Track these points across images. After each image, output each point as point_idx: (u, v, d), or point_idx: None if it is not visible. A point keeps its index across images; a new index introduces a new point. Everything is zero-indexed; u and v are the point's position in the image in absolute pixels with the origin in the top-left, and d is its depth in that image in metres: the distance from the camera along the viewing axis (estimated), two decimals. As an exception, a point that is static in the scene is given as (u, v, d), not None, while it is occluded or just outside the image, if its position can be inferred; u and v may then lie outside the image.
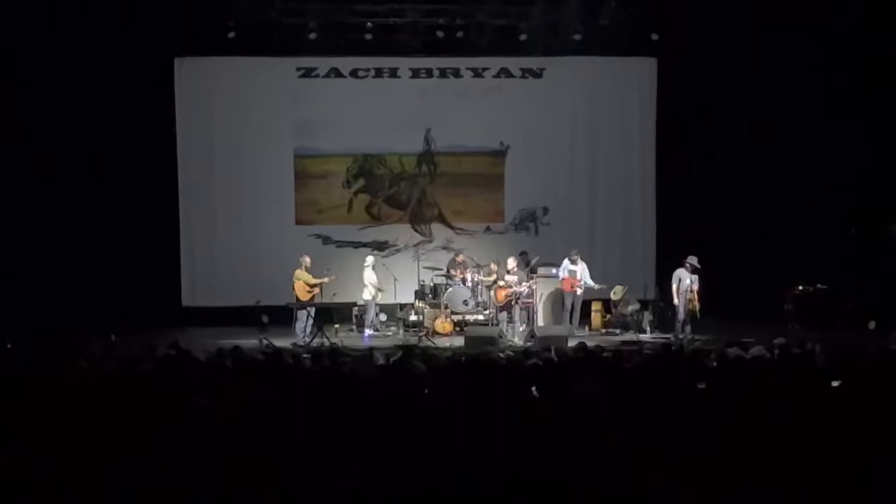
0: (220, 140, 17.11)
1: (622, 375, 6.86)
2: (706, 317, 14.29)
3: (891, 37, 14.74)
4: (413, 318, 15.45)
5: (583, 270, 15.11)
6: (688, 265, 14.16)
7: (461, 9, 16.52)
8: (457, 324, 15.16)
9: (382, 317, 16.12)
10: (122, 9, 14.88)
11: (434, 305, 15.44)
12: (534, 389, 6.18)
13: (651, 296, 16.03)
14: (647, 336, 14.88)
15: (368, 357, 8.04)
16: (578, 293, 15.03)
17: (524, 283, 14.75)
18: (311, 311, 14.52)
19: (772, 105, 15.87)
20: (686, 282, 14.09)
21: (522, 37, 16.74)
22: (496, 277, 15.05)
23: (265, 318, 14.56)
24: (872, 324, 14.22)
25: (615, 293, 15.87)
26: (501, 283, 14.84)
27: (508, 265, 14.98)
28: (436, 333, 14.84)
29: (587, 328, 15.61)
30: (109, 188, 15.75)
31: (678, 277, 14.17)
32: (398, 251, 17.39)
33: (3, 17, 14.33)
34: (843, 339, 9.78)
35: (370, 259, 15.70)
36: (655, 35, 16.57)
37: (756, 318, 14.21)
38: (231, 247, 17.11)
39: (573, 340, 11.68)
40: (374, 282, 15.39)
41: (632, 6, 16.33)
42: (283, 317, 14.68)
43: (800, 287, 15.60)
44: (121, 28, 15.05)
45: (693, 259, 14.17)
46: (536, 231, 17.71)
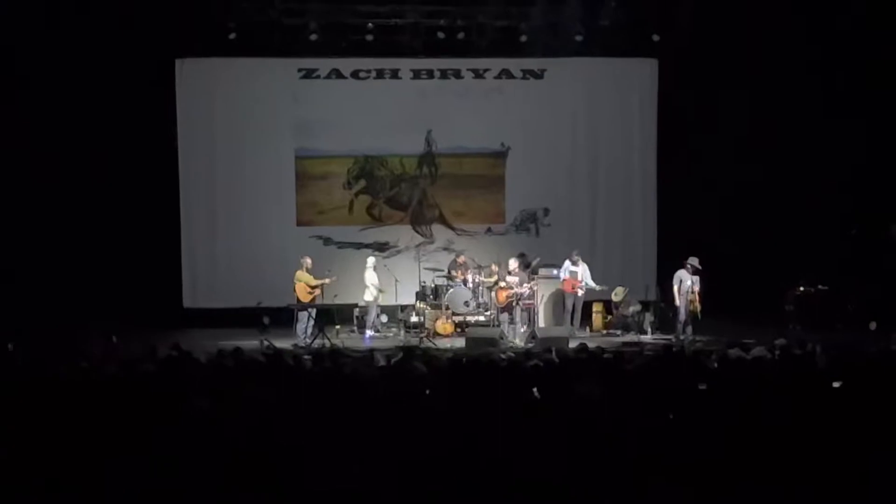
0: (221, 141, 17.09)
1: (623, 376, 6.86)
2: (707, 318, 14.28)
3: (891, 37, 14.75)
4: (414, 320, 15.46)
5: (584, 271, 15.12)
6: (689, 266, 14.16)
7: (462, 10, 16.51)
8: (458, 325, 15.16)
9: (383, 318, 16.12)
10: (123, 10, 14.87)
11: (435, 306, 15.44)
12: (535, 390, 6.18)
13: (652, 297, 16.02)
14: (649, 337, 14.87)
15: (369, 358, 8.04)
16: (579, 294, 15.04)
17: (525, 285, 14.75)
18: (312, 313, 14.52)
19: (772, 105, 15.87)
20: (687, 283, 14.09)
21: (523, 38, 16.73)
22: (497, 278, 15.05)
23: (266, 320, 14.56)
24: (873, 324, 14.22)
25: (616, 294, 15.86)
26: (502, 285, 14.84)
27: (510, 266, 14.99)
28: (437, 334, 14.84)
29: (588, 329, 15.59)
30: (110, 189, 15.75)
31: (679, 278, 14.17)
32: (399, 252, 17.37)
33: (5, 18, 14.35)
34: (844, 340, 9.78)
35: (371, 260, 15.69)
36: (656, 36, 16.56)
37: (757, 319, 14.22)
38: (232, 248, 17.09)
39: (574, 341, 11.65)
40: (376, 283, 15.38)
41: (632, 7, 16.32)
42: (284, 318, 14.67)
43: (801, 288, 15.60)
44: (122, 29, 15.04)
45: (694, 260, 14.17)
46: (537, 232, 17.70)
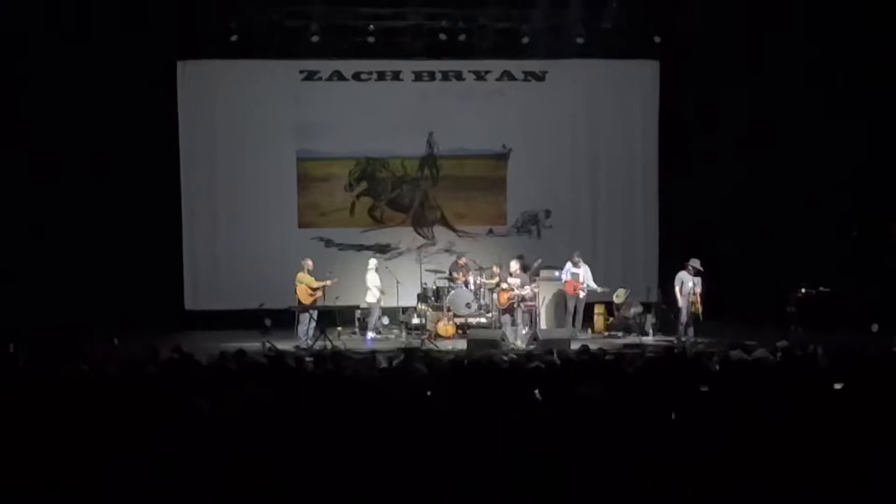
0: (223, 143, 17.10)
1: (625, 378, 6.85)
2: (708, 319, 14.26)
3: (891, 37, 14.74)
4: (415, 321, 15.48)
5: (585, 273, 15.11)
6: (690, 268, 14.16)
7: (463, 12, 16.51)
8: (459, 327, 15.14)
9: (385, 320, 16.10)
10: (125, 12, 14.90)
11: (436, 308, 15.44)
12: (536, 392, 6.18)
13: (653, 298, 16.01)
14: (650, 339, 14.86)
15: (371, 360, 8.03)
16: (581, 296, 15.03)
17: (527, 286, 14.74)
18: (314, 314, 14.52)
19: (773, 107, 15.86)
20: (689, 284, 14.09)
21: (525, 40, 16.73)
22: (498, 280, 15.04)
23: (268, 322, 14.56)
24: (875, 326, 14.20)
25: (618, 296, 15.85)
26: (504, 286, 14.83)
27: (511, 268, 14.96)
28: (438, 336, 14.83)
29: (590, 331, 15.58)
30: (112, 191, 15.76)
31: (680, 280, 14.17)
32: (401, 254, 17.38)
33: (7, 20, 14.37)
34: (846, 342, 9.76)
35: (373, 262, 15.66)
36: (657, 38, 16.57)
37: (758, 321, 14.21)
38: (233, 249, 17.08)
39: (576, 343, 11.65)
40: (378, 284, 15.36)
41: (634, 9, 16.33)
42: (286, 320, 14.67)
43: (802, 289, 15.56)
44: (124, 31, 15.06)
45: (695, 262, 14.17)
46: (539, 234, 17.71)
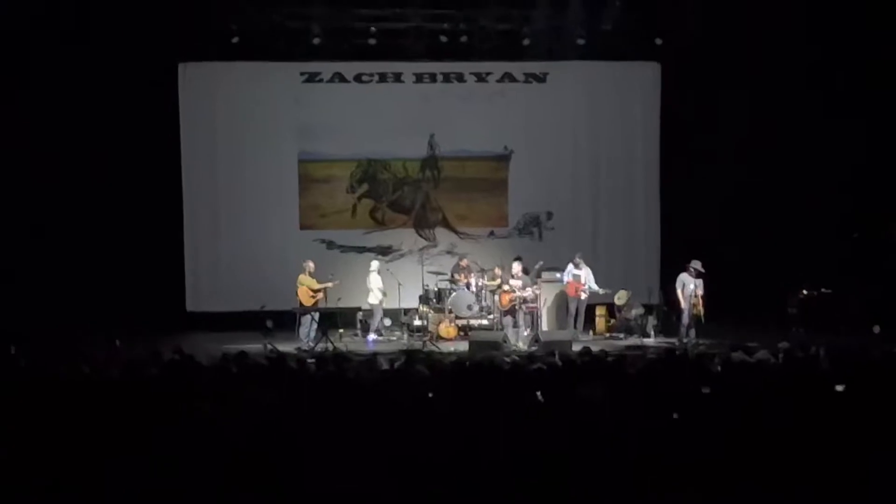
0: (224, 145, 17.11)
1: (626, 380, 6.85)
2: (710, 321, 14.24)
3: (891, 37, 14.73)
4: (417, 323, 15.45)
5: (587, 275, 15.10)
6: (691, 269, 14.14)
7: (464, 13, 16.51)
8: (461, 328, 15.12)
9: (386, 321, 16.08)
10: (127, 14, 14.90)
11: (438, 310, 15.43)
12: (538, 394, 6.18)
13: (655, 300, 15.98)
14: (651, 340, 14.86)
15: (372, 362, 8.03)
16: (583, 298, 15.02)
17: (528, 288, 14.73)
18: (315, 316, 14.51)
19: (774, 108, 15.86)
20: (690, 286, 14.07)
21: (526, 41, 16.74)
22: (500, 282, 15.03)
23: (269, 323, 14.56)
24: (877, 328, 14.19)
25: (619, 298, 15.84)
26: (506, 288, 14.82)
27: (513, 270, 14.94)
28: (440, 338, 14.82)
29: (591, 333, 15.57)
30: (113, 193, 15.77)
31: (682, 282, 14.15)
32: (402, 256, 17.37)
33: (9, 22, 14.38)
34: (848, 344, 9.75)
35: (375, 264, 15.65)
36: (659, 39, 16.56)
37: (760, 323, 14.21)
38: (235, 251, 17.09)
39: (577, 345, 11.66)
40: (381, 286, 15.35)
41: (635, 11, 16.32)
42: (288, 321, 14.66)
43: (804, 291, 15.57)
44: (125, 33, 15.07)
45: (697, 263, 14.15)
46: (540, 236, 17.70)
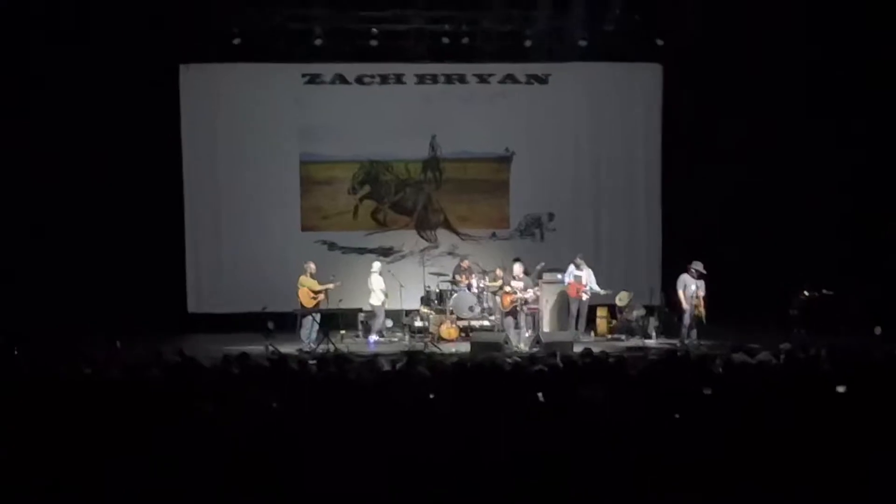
0: (226, 146, 17.12)
1: (628, 381, 6.85)
2: (711, 322, 14.24)
3: (891, 37, 14.72)
4: (419, 324, 15.45)
5: (588, 276, 15.10)
6: (693, 271, 14.13)
7: (466, 15, 16.51)
8: (462, 329, 15.12)
9: (388, 322, 16.09)
10: (128, 15, 14.91)
11: (440, 311, 15.43)
12: (539, 395, 6.17)
13: (656, 301, 16.00)
14: (653, 341, 14.86)
15: (374, 363, 8.03)
16: (584, 299, 15.02)
17: (529, 289, 14.72)
18: (317, 318, 14.51)
19: (775, 109, 15.83)
20: (692, 288, 14.06)
21: (527, 43, 16.73)
22: (502, 283, 15.03)
23: (271, 325, 14.56)
24: (878, 329, 14.17)
25: (620, 299, 15.83)
26: (507, 289, 14.82)
27: (514, 271, 14.93)
28: (441, 339, 14.81)
29: (592, 334, 15.58)
30: (115, 194, 15.78)
31: (683, 283, 14.14)
32: (404, 257, 17.37)
33: (11, 24, 14.41)
34: (849, 345, 9.75)
35: (376, 265, 15.65)
36: (660, 41, 16.56)
37: (762, 324, 14.20)
38: (236, 252, 17.10)
39: (579, 346, 11.66)
40: (383, 287, 15.35)
41: (637, 12, 16.32)
42: (290, 323, 14.67)
43: (805, 292, 15.55)
44: (126, 34, 15.07)
45: (698, 264, 14.14)
46: (542, 237, 17.70)
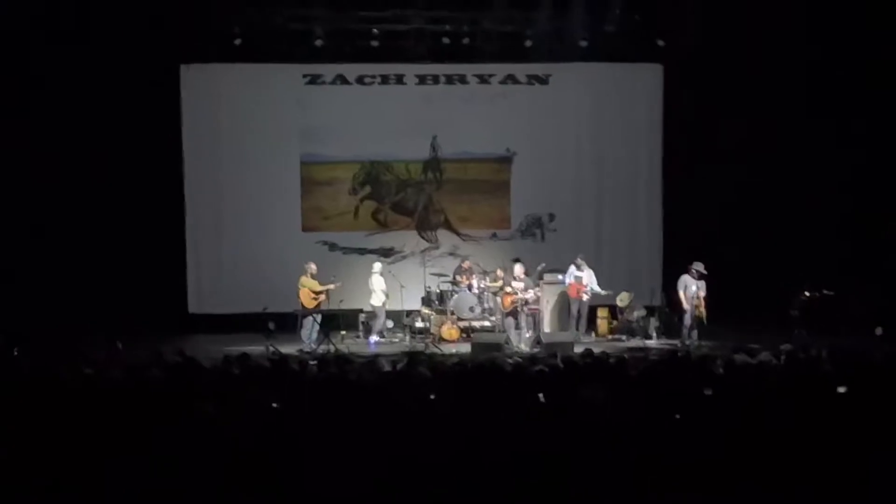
0: (226, 147, 17.12)
1: (628, 382, 6.85)
2: (712, 323, 14.24)
3: (891, 37, 14.72)
4: (419, 325, 15.45)
5: (589, 277, 15.10)
6: (693, 271, 14.13)
7: (467, 15, 16.52)
8: (463, 330, 15.12)
9: (389, 323, 16.10)
10: (128, 15, 14.92)
11: (440, 312, 15.44)
12: (540, 396, 6.17)
13: (657, 302, 15.99)
14: (654, 342, 14.85)
15: (374, 363, 8.02)
16: (585, 299, 15.02)
17: (530, 290, 14.72)
18: (318, 318, 14.52)
19: (776, 110, 15.84)
20: (692, 288, 14.06)
21: (528, 43, 16.73)
22: (502, 284, 15.02)
23: (272, 325, 14.54)
24: (879, 330, 14.16)
25: (621, 299, 15.83)
26: (508, 290, 14.81)
27: (515, 272, 14.93)
28: (442, 340, 14.82)
29: (593, 334, 15.58)
30: (116, 194, 15.79)
31: (684, 284, 14.14)
32: (405, 258, 17.37)
33: (12, 24, 14.41)
34: (850, 345, 9.74)
35: (378, 265, 15.66)
36: (661, 41, 16.55)
37: (762, 324, 14.18)
38: (237, 253, 17.10)
39: (579, 347, 11.66)
40: (384, 287, 15.35)
41: (637, 13, 16.32)
42: (291, 323, 14.66)
43: (806, 293, 15.53)
44: (127, 34, 15.08)
45: (699, 265, 14.14)
46: (543, 237, 17.69)
